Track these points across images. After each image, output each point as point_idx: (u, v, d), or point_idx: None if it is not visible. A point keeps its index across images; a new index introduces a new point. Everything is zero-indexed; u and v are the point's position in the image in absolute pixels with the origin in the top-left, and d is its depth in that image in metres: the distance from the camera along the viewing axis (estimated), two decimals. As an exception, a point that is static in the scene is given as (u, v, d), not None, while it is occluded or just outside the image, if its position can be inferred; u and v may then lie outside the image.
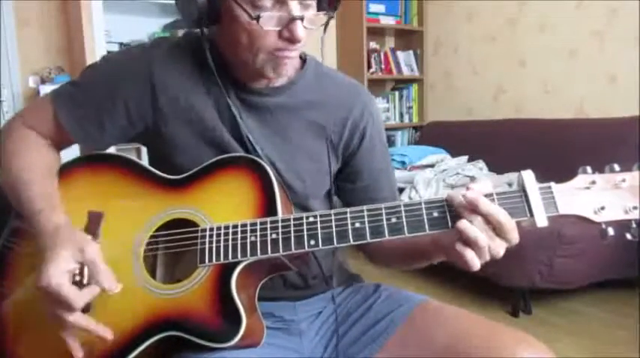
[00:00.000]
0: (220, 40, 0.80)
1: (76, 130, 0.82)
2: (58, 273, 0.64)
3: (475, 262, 0.63)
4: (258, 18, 0.68)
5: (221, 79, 0.80)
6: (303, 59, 0.87)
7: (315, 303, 0.89)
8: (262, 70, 0.76)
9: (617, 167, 0.64)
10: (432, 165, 3.04)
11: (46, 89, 2.46)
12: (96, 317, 0.70)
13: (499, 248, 0.64)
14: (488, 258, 0.64)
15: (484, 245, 0.62)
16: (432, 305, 0.83)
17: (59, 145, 0.85)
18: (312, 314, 0.88)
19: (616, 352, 1.79)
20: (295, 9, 0.70)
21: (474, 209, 0.63)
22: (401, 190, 2.81)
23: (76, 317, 0.65)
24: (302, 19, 0.70)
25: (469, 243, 0.63)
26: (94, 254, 0.68)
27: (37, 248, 0.70)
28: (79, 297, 0.65)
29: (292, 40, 0.71)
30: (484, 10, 3.36)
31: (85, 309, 0.67)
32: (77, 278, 0.68)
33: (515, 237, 0.64)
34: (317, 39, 0.78)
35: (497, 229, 0.63)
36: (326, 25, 0.76)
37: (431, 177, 2.84)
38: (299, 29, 0.70)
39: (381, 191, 0.91)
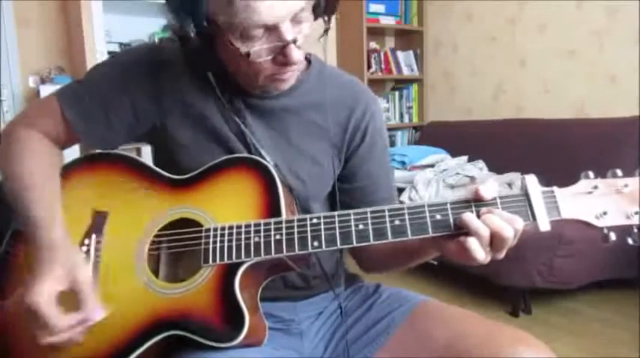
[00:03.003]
0: (222, 56, 0.79)
1: (83, 128, 0.81)
2: (45, 294, 0.65)
3: (480, 252, 0.63)
4: (248, 54, 0.68)
5: (224, 83, 0.80)
6: (308, 60, 0.87)
7: (316, 304, 0.90)
8: (264, 87, 0.77)
9: (619, 172, 0.65)
10: (432, 165, 3.04)
11: (46, 89, 2.46)
12: None
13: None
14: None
15: (485, 234, 0.62)
16: (431, 304, 0.83)
17: (63, 145, 0.85)
18: (312, 315, 0.89)
19: (616, 352, 1.80)
20: (287, 33, 0.67)
21: (485, 222, 0.63)
22: (401, 190, 2.81)
23: (53, 340, 0.65)
24: (295, 41, 0.68)
25: (472, 233, 0.63)
26: (84, 279, 0.68)
27: (32, 258, 0.70)
28: (60, 321, 0.65)
29: (287, 64, 0.70)
30: (484, 10, 3.36)
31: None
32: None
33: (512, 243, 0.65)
34: (317, 41, 0.78)
35: (496, 242, 0.64)
36: (324, 34, 0.75)
37: (431, 177, 2.85)
38: (293, 53, 0.68)
39: (379, 192, 0.90)
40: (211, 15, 0.67)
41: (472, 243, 0.63)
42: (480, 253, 0.63)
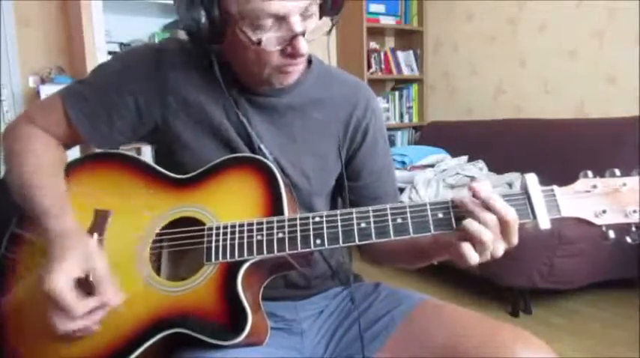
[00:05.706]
0: (227, 51, 0.80)
1: (87, 127, 0.82)
2: (63, 279, 0.64)
3: (472, 255, 0.64)
4: (259, 42, 0.69)
5: (228, 81, 0.80)
6: (309, 59, 0.88)
7: (317, 303, 0.90)
8: (269, 81, 0.78)
9: (617, 171, 0.66)
10: (432, 165, 3.05)
11: (46, 89, 2.46)
12: None
13: (499, 248, 0.64)
14: (489, 256, 0.65)
15: (487, 240, 0.62)
16: (431, 303, 0.83)
17: (67, 144, 0.86)
18: (313, 314, 0.89)
19: (616, 352, 1.80)
20: (296, 25, 0.69)
21: (486, 205, 0.63)
22: (401, 190, 2.81)
23: (71, 327, 0.65)
24: (303, 34, 0.70)
25: (472, 239, 0.63)
26: (100, 264, 0.68)
27: (42, 249, 0.70)
28: (79, 306, 0.65)
29: (295, 55, 0.72)
30: (484, 10, 3.36)
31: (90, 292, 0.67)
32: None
33: (515, 239, 0.65)
34: (320, 42, 0.79)
35: (503, 228, 0.63)
36: (330, 30, 0.77)
37: (431, 177, 2.85)
38: (301, 45, 0.70)
39: (384, 187, 0.92)
40: (223, 3, 0.69)
41: (469, 252, 0.63)
42: (475, 257, 0.64)
